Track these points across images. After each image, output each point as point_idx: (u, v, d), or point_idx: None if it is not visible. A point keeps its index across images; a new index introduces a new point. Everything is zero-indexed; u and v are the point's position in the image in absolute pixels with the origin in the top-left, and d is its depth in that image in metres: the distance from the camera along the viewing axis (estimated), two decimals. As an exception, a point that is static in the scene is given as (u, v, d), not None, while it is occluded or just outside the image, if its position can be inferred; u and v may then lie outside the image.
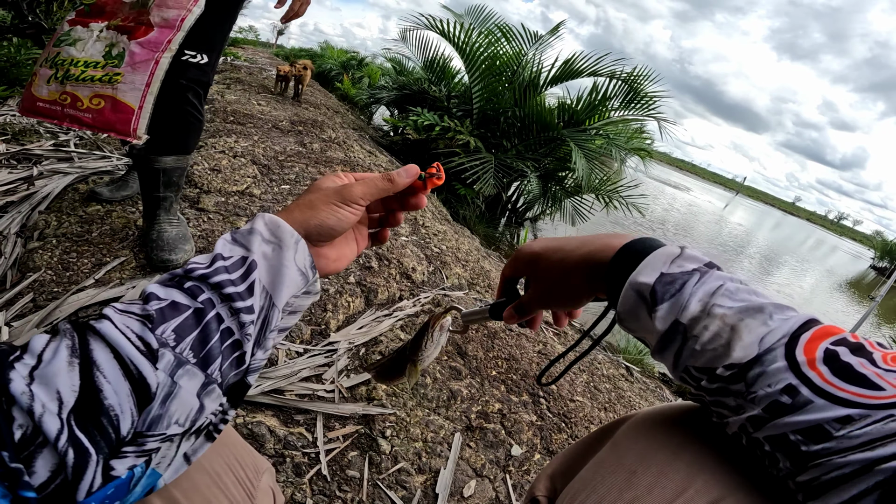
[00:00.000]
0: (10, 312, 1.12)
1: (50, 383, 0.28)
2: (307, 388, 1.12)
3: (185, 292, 0.36)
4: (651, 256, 0.39)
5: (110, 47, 1.00)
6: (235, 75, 5.11)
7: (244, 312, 0.37)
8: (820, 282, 14.96)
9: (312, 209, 0.44)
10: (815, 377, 0.31)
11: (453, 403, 1.23)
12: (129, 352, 0.31)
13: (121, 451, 0.30)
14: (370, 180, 0.47)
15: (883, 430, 0.27)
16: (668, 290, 0.37)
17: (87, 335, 0.31)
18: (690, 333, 0.36)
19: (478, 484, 1.04)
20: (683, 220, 16.27)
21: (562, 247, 0.47)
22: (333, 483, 0.93)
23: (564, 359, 1.42)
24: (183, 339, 0.34)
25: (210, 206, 1.76)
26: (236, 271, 0.38)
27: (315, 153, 2.91)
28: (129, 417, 0.30)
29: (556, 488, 0.50)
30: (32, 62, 2.79)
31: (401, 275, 1.79)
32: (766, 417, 0.32)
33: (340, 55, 11.55)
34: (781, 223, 62.11)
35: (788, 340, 0.33)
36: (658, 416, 0.43)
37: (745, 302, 0.36)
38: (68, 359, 0.30)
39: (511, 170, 4.52)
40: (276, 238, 0.41)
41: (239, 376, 0.38)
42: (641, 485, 0.37)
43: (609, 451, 0.43)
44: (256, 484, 0.49)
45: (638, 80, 4.33)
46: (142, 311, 0.34)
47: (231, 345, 0.36)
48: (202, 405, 0.35)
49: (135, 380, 0.31)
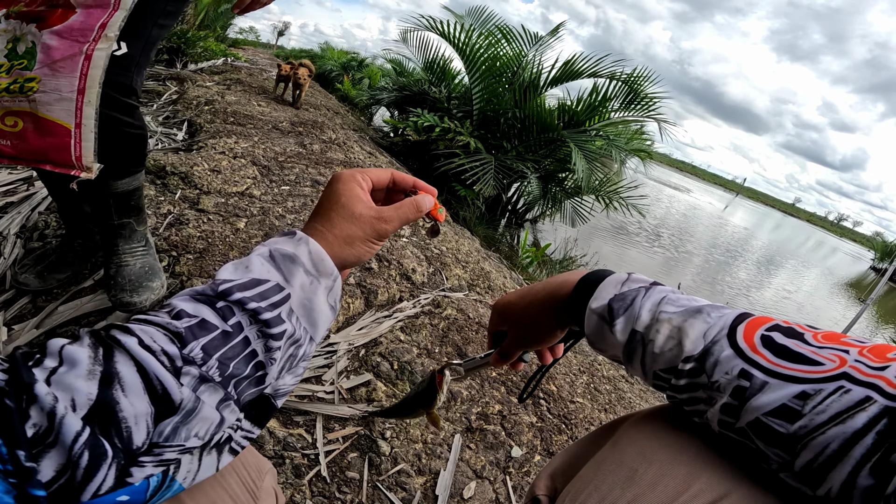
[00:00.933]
0: (10, 313, 1.12)
1: (67, 389, 0.29)
2: (307, 390, 1.12)
3: (216, 312, 0.36)
4: (604, 283, 0.46)
5: (14, 42, 0.71)
6: (236, 76, 5.11)
7: (273, 339, 0.38)
8: (820, 283, 14.96)
9: (351, 246, 0.45)
10: (761, 360, 0.34)
11: (453, 405, 1.23)
12: (154, 367, 0.32)
13: (138, 460, 0.31)
14: (404, 212, 0.48)
15: (842, 402, 0.30)
16: (622, 305, 0.44)
17: (113, 348, 0.32)
18: (647, 339, 0.41)
19: (478, 485, 1.04)
20: (683, 222, 16.27)
21: (527, 292, 0.55)
22: (333, 484, 0.92)
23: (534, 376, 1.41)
24: (209, 358, 0.34)
25: (210, 207, 1.76)
26: (271, 297, 0.38)
27: (315, 154, 2.91)
28: (143, 429, 0.31)
29: (557, 487, 0.50)
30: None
31: (401, 276, 1.79)
32: (735, 404, 0.34)
33: (341, 56, 11.55)
34: (781, 224, 62.15)
35: (728, 332, 0.37)
36: (658, 414, 0.44)
37: (685, 306, 0.41)
38: (89, 367, 0.30)
39: (511, 171, 4.51)
40: (317, 271, 0.42)
41: (257, 394, 0.38)
42: (643, 483, 0.37)
43: (610, 449, 0.44)
44: (259, 485, 0.50)
45: (638, 82, 4.33)
46: (172, 329, 0.34)
47: (254, 366, 0.37)
48: (222, 418, 0.35)
49: (157, 394, 0.31)
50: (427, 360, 1.36)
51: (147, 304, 1.13)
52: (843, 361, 0.32)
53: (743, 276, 10.45)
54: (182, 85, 4.00)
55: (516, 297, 0.57)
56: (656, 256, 9.15)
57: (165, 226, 1.57)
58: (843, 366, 0.31)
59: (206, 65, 5.64)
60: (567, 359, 1.69)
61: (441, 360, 1.39)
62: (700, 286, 7.86)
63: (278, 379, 0.40)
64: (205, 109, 3.19)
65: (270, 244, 0.42)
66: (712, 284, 8.27)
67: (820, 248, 42.12)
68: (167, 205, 1.70)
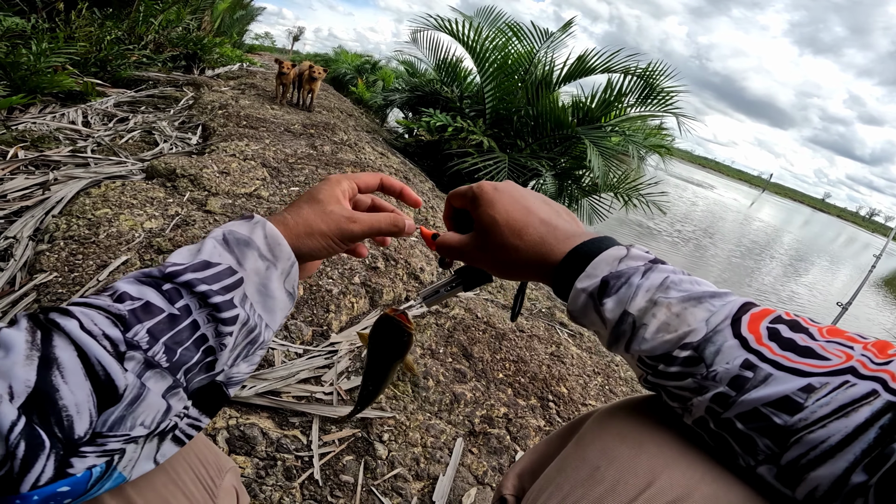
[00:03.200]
0: (14, 312, 1.13)
1: (3, 376, 0.27)
2: (305, 391, 1.10)
3: (161, 294, 0.35)
4: (597, 259, 0.41)
5: None
6: (250, 81, 5.18)
7: (223, 324, 0.36)
8: (852, 280, 14.38)
9: (310, 238, 0.43)
10: (768, 352, 0.33)
11: (456, 407, 1.20)
12: (97, 352, 0.30)
13: (79, 451, 0.29)
14: (376, 220, 0.47)
15: (847, 395, 0.29)
16: (615, 284, 0.39)
17: (52, 331, 0.30)
18: (640, 322, 0.38)
19: (478, 492, 1.00)
20: (708, 218, 15.85)
21: (520, 233, 0.45)
22: (325, 488, 0.90)
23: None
24: (156, 342, 0.33)
25: (216, 208, 1.77)
26: (222, 280, 0.37)
27: (326, 155, 2.91)
28: (86, 418, 0.29)
29: (525, 486, 0.49)
30: (53, 70, 2.88)
31: (408, 275, 1.77)
32: (732, 394, 0.33)
33: (355, 59, 11.66)
34: (811, 220, 60.12)
35: (732, 321, 0.35)
36: (621, 408, 0.43)
37: (687, 291, 0.38)
38: (26, 352, 0.28)
39: (525, 169, 4.45)
40: (273, 256, 0.40)
41: (206, 381, 0.36)
42: (606, 481, 0.36)
43: (573, 447, 0.43)
44: (218, 483, 0.48)
45: (653, 76, 4.22)
46: (114, 311, 0.32)
47: (204, 351, 0.35)
48: (169, 406, 0.34)
49: (99, 381, 0.30)
50: (431, 361, 1.32)
51: None
52: (849, 356, 0.31)
53: (771, 276, 10.11)
54: (198, 90, 4.07)
55: (507, 227, 0.46)
56: (679, 254, 8.93)
57: (171, 227, 1.58)
58: (849, 360, 0.30)
59: (222, 70, 5.75)
60: (581, 359, 1.64)
61: (446, 361, 1.36)
62: (725, 285, 7.64)
63: (232, 367, 0.38)
64: (218, 114, 3.23)
65: (225, 227, 0.40)
66: (738, 286, 8.02)
67: (851, 244, 40.59)
68: (175, 206, 1.71)
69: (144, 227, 1.51)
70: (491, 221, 0.46)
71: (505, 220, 0.46)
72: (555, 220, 0.46)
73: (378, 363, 0.54)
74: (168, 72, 4.73)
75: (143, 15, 4.46)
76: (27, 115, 2.57)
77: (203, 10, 6.74)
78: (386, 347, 0.53)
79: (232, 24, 10.14)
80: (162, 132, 2.76)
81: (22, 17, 3.12)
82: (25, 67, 2.67)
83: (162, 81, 4.18)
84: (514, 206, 0.47)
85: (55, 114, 2.66)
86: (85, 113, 2.81)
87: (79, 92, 3.05)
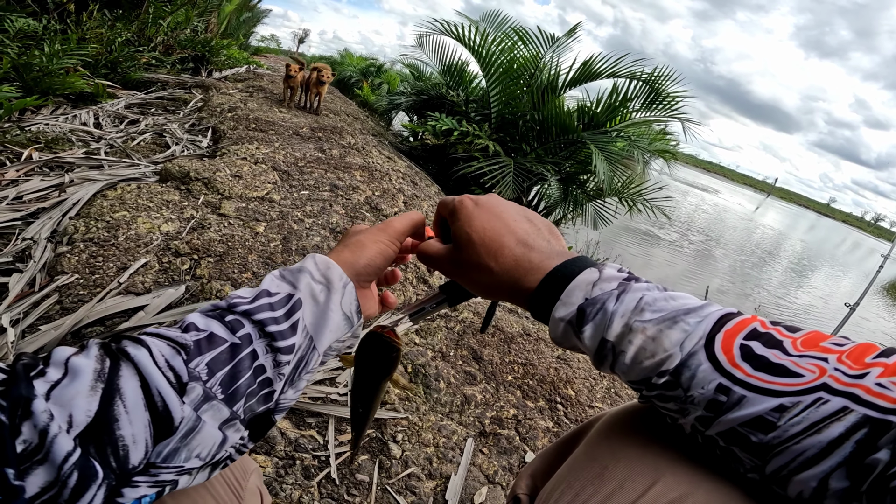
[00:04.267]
0: (35, 314, 1.16)
1: (66, 405, 0.28)
2: (320, 392, 1.13)
3: (224, 325, 0.36)
4: (571, 286, 0.40)
5: None
6: (258, 83, 5.23)
7: (282, 352, 0.37)
8: (857, 286, 14.33)
9: (360, 247, 0.45)
10: (741, 374, 0.33)
11: (467, 408, 1.22)
12: (159, 383, 0.31)
13: (131, 481, 0.30)
14: (403, 217, 0.50)
15: (819, 413, 0.30)
16: (591, 311, 0.39)
17: (120, 361, 0.31)
18: (618, 349, 0.38)
19: (489, 491, 1.03)
20: (712, 223, 15.83)
21: (495, 255, 0.44)
22: (342, 487, 0.93)
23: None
24: (215, 373, 0.34)
25: (230, 212, 1.80)
26: (280, 309, 0.38)
27: (334, 159, 2.95)
28: (141, 449, 0.30)
29: (537, 486, 0.51)
30: (65, 71, 2.92)
31: (418, 279, 1.79)
32: (711, 416, 0.34)
33: (360, 62, 11.72)
34: (816, 225, 59.91)
35: (705, 342, 0.35)
36: (628, 413, 0.45)
37: (662, 311, 0.37)
38: (91, 383, 0.29)
39: (531, 173, 4.48)
40: (325, 279, 0.41)
41: (262, 411, 0.37)
42: (614, 480, 0.38)
43: (584, 448, 0.45)
44: (244, 484, 0.50)
45: (659, 81, 4.25)
46: (180, 341, 0.34)
47: (261, 382, 0.36)
48: (225, 437, 0.34)
49: (157, 412, 0.31)
50: (442, 363, 1.35)
51: None
52: (823, 371, 0.31)
53: (775, 282, 10.09)
54: (207, 93, 4.12)
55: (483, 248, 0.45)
56: (682, 260, 8.93)
57: (188, 230, 1.61)
58: (822, 376, 0.31)
59: (229, 72, 5.80)
60: (586, 363, 1.66)
61: (456, 363, 1.38)
62: (727, 293, 7.62)
63: (281, 394, 0.39)
64: (228, 116, 3.27)
65: (281, 268, 0.43)
66: (741, 297, 8.01)
67: (857, 249, 40.41)
68: (190, 209, 1.75)
69: (161, 229, 1.54)
70: (466, 239, 0.45)
71: (480, 238, 0.45)
72: (532, 240, 0.45)
73: (366, 383, 0.51)
74: (176, 74, 4.78)
75: (152, 17, 4.52)
76: (39, 117, 2.61)
77: (210, 12, 6.81)
78: (374, 365, 0.50)
79: (238, 26, 10.22)
80: (173, 135, 2.79)
81: (34, 18, 3.18)
82: (38, 69, 2.72)
83: (171, 83, 4.22)
84: (491, 224, 0.45)
85: (67, 115, 2.70)
86: (96, 115, 2.85)
87: (89, 93, 3.09)
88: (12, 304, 1.20)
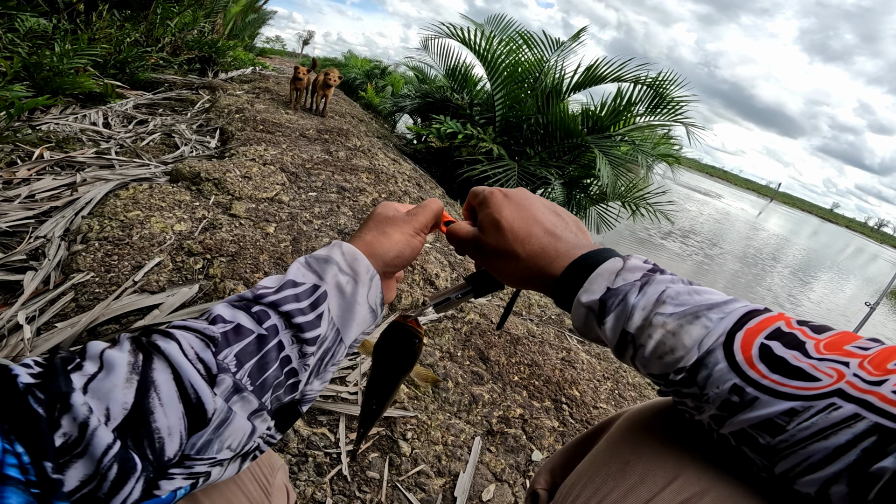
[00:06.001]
0: (51, 311, 1.18)
1: (103, 398, 0.29)
2: (331, 390, 1.15)
3: (251, 316, 0.36)
4: (595, 274, 0.41)
5: None
6: (264, 85, 5.26)
7: (308, 343, 0.37)
8: (860, 291, 14.31)
9: (389, 239, 0.45)
10: (756, 375, 0.32)
11: (474, 408, 1.24)
12: (191, 375, 0.31)
13: (168, 473, 0.30)
14: (426, 204, 0.49)
15: (829, 419, 0.29)
16: (612, 302, 0.39)
17: (153, 354, 0.32)
18: (639, 343, 0.38)
19: (497, 488, 1.04)
20: (715, 228, 15.83)
21: (522, 242, 0.45)
22: (353, 484, 0.94)
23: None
24: (243, 365, 0.34)
25: (241, 213, 1.82)
26: (306, 299, 0.38)
27: (341, 161, 2.97)
28: (176, 440, 0.30)
29: (556, 482, 0.51)
30: (76, 71, 2.95)
31: (424, 280, 1.81)
32: (724, 415, 0.34)
33: (364, 64, 11.76)
34: (819, 231, 59.80)
35: (725, 340, 0.34)
36: (649, 410, 0.45)
37: (684, 306, 0.37)
38: (126, 375, 0.30)
39: (535, 177, 4.50)
40: (353, 271, 0.41)
41: (288, 402, 0.38)
42: (635, 475, 0.38)
43: (604, 444, 0.45)
44: (272, 481, 0.50)
45: (663, 85, 4.27)
46: (208, 333, 0.34)
47: (287, 372, 0.36)
48: (254, 428, 0.35)
49: (191, 404, 0.31)
50: (449, 364, 1.37)
51: None
52: (841, 376, 0.30)
53: (777, 286, 10.09)
54: (214, 94, 4.15)
55: (508, 231, 0.46)
56: (686, 264, 8.93)
57: (200, 230, 1.63)
58: (839, 381, 0.30)
59: (235, 74, 5.83)
60: (591, 364, 1.68)
61: (464, 364, 1.40)
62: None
63: (307, 385, 0.39)
64: (235, 118, 3.30)
65: (307, 255, 0.43)
66: (745, 292, 8.02)
67: (859, 254, 40.31)
68: (201, 210, 1.77)
69: (174, 229, 1.57)
70: (495, 225, 0.47)
71: (509, 225, 0.46)
72: (559, 231, 0.46)
73: (384, 375, 0.50)
74: (184, 74, 4.82)
75: (160, 17, 4.56)
76: (49, 116, 2.63)
77: (216, 13, 6.86)
78: (394, 356, 0.49)
79: (244, 28, 10.27)
80: (181, 135, 2.82)
81: (44, 17, 3.21)
82: (48, 68, 2.75)
83: (178, 84, 4.26)
84: (520, 213, 0.47)
85: (77, 115, 2.73)
86: (105, 114, 2.88)
87: (98, 93, 3.12)
88: (27, 301, 1.22)
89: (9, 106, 2.19)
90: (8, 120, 2.22)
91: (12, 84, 2.41)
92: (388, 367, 0.49)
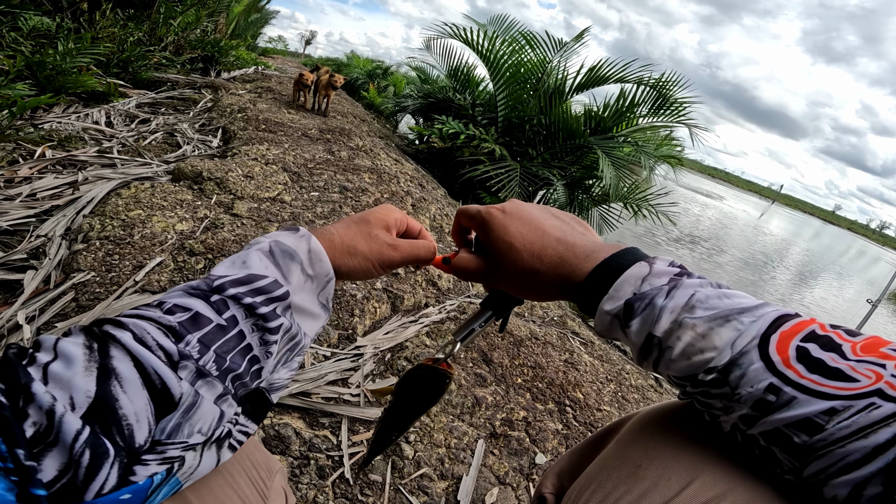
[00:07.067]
0: (52, 311, 1.17)
1: (64, 387, 0.28)
2: (333, 392, 1.14)
3: (210, 305, 0.36)
4: (621, 280, 0.40)
5: None
6: (266, 84, 5.26)
7: (270, 333, 0.38)
8: (861, 293, 14.27)
9: (352, 257, 0.46)
10: (794, 375, 0.32)
11: (478, 410, 1.23)
12: (153, 362, 0.31)
13: (141, 459, 0.30)
14: (415, 249, 0.50)
15: (869, 417, 0.29)
16: (639, 306, 0.39)
17: (108, 343, 0.31)
18: (665, 345, 0.37)
19: (500, 491, 1.03)
20: (717, 230, 15.80)
21: (539, 256, 0.45)
22: (356, 487, 0.93)
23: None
24: (206, 351, 0.34)
25: (243, 212, 1.81)
26: (269, 293, 0.39)
27: (343, 161, 2.96)
28: (145, 426, 0.30)
29: (564, 486, 0.50)
30: (78, 70, 2.95)
31: (427, 282, 1.80)
32: (756, 415, 0.33)
33: (366, 64, 11.76)
34: (821, 233, 59.73)
35: (759, 342, 0.34)
36: (661, 412, 0.44)
37: (714, 309, 0.36)
38: (85, 364, 0.29)
39: (537, 178, 4.49)
40: (314, 272, 0.42)
41: (255, 388, 0.38)
42: (647, 479, 0.37)
43: (614, 447, 0.44)
44: (269, 484, 0.49)
45: (666, 86, 4.26)
46: (165, 322, 0.34)
47: (250, 360, 0.37)
48: (222, 412, 0.35)
49: (156, 390, 0.31)
50: (453, 366, 1.36)
51: None
52: (879, 377, 0.30)
53: (780, 287, 10.06)
54: (216, 93, 4.15)
55: (523, 251, 0.45)
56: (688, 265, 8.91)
57: (202, 229, 1.62)
58: (878, 381, 0.30)
59: (237, 73, 5.84)
60: (594, 367, 1.67)
61: (466, 365, 1.39)
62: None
63: (273, 373, 0.40)
64: (238, 117, 3.30)
65: (271, 237, 0.42)
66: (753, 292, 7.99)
67: (861, 257, 40.24)
68: (203, 209, 1.76)
69: (176, 228, 1.56)
70: (507, 248, 0.46)
71: (522, 244, 0.46)
72: (570, 237, 0.46)
73: (408, 411, 0.51)
74: (186, 74, 4.82)
75: (163, 16, 4.56)
76: (51, 115, 2.63)
77: (219, 13, 6.86)
78: (423, 395, 0.50)
79: (246, 27, 10.28)
80: (183, 134, 2.82)
81: (48, 16, 3.21)
82: (51, 67, 2.74)
83: (180, 83, 4.26)
84: (526, 228, 0.47)
85: (79, 114, 2.72)
86: (108, 113, 2.87)
87: (101, 92, 3.12)
88: (28, 300, 1.22)
89: (11, 104, 2.18)
90: (10, 118, 2.22)
91: (15, 82, 2.40)
92: (414, 404, 0.50)
